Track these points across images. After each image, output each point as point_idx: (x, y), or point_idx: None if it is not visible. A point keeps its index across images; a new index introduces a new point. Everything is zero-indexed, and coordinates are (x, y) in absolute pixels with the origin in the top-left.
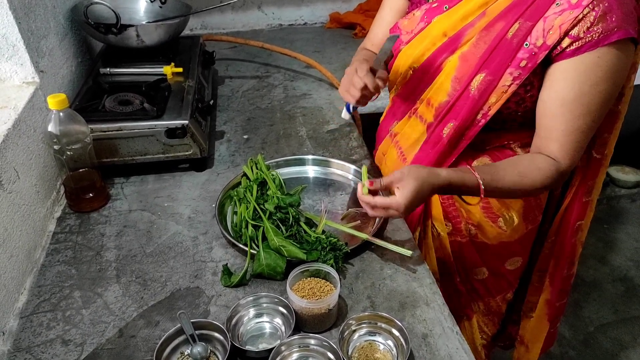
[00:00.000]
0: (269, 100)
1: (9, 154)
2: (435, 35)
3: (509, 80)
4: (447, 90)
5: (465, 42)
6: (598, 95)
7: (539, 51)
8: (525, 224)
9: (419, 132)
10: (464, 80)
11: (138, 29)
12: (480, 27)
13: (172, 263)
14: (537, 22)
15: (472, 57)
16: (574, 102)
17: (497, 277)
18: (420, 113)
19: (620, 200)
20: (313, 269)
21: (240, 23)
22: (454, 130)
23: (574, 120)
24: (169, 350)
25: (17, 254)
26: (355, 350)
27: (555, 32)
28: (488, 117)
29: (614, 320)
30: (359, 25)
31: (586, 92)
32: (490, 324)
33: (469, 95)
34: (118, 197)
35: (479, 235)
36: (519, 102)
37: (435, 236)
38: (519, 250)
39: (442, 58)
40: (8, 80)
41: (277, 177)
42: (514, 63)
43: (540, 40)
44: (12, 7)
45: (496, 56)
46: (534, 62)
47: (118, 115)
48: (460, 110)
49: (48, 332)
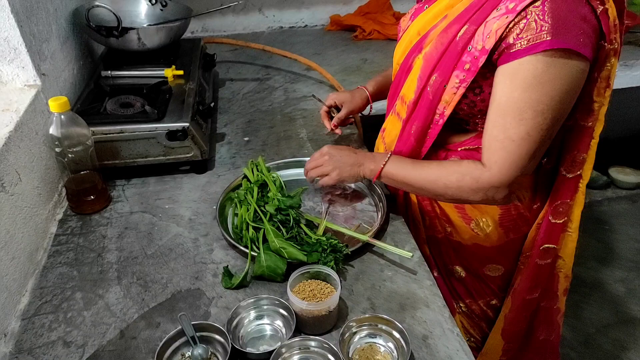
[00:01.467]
0: (270, 103)
1: (11, 156)
2: (412, 34)
3: (456, 82)
4: (414, 88)
5: (428, 42)
6: (530, 103)
7: (480, 55)
8: (505, 232)
9: (397, 129)
10: (423, 79)
11: (139, 32)
12: (440, 29)
13: (173, 265)
14: (479, 26)
15: (431, 58)
16: (506, 109)
17: (476, 280)
18: (397, 110)
19: (620, 202)
20: (313, 270)
21: (241, 26)
22: (418, 128)
23: (506, 127)
24: (170, 352)
25: (19, 256)
26: (355, 352)
27: (492, 37)
28: (445, 117)
29: (615, 322)
30: (359, 28)
31: (516, 98)
32: (477, 328)
33: (427, 94)
34: (119, 199)
35: (454, 234)
36: (470, 104)
37: (413, 227)
38: (499, 258)
39: (413, 57)
40: (10, 83)
41: (278, 179)
42: (459, 65)
43: (480, 44)
44: (13, 11)
45: (446, 58)
46: (476, 66)
47: (119, 117)
48: (421, 108)
49: (50, 333)
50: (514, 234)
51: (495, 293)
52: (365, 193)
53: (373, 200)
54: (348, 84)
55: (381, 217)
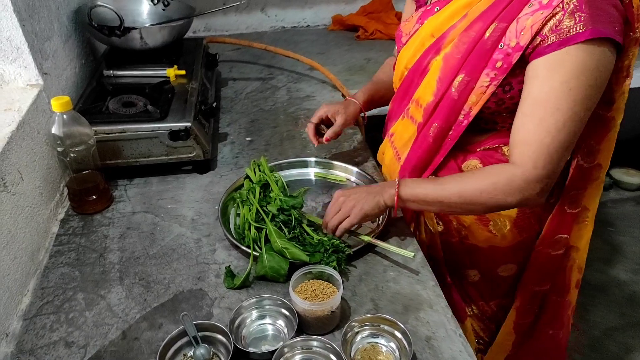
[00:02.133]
0: (273, 102)
1: (13, 156)
2: (424, 36)
3: (486, 81)
4: (433, 90)
5: (447, 43)
6: (568, 92)
7: (513, 52)
8: (519, 232)
9: (410, 132)
10: (446, 81)
11: (141, 31)
12: (461, 28)
13: (175, 265)
14: (510, 23)
15: (453, 58)
16: (542, 101)
17: (489, 282)
18: (411, 113)
19: (625, 203)
20: (316, 271)
21: (244, 25)
22: (438, 130)
23: (543, 119)
24: (172, 352)
25: (20, 256)
26: (358, 353)
27: (527, 33)
28: (470, 117)
29: (621, 324)
30: (361, 28)
31: (556, 88)
32: (487, 330)
33: (450, 95)
34: (121, 199)
35: (469, 237)
36: (499, 102)
37: (428, 233)
38: (512, 258)
39: (429, 58)
40: (12, 83)
41: (280, 179)
42: (490, 64)
43: (513, 41)
44: (16, 10)
45: (473, 57)
46: (509, 63)
47: (121, 117)
48: (442, 110)
49: (51, 334)
50: (526, 233)
51: (507, 293)
52: None
53: None
54: (352, 83)
55: (384, 218)
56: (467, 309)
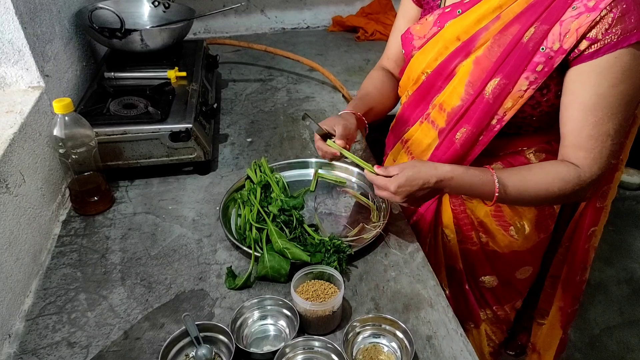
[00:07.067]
0: (273, 103)
1: (15, 157)
2: (448, 40)
3: (525, 84)
4: (461, 94)
5: (479, 46)
6: (619, 96)
7: (556, 55)
8: (538, 233)
9: (431, 138)
10: (477, 85)
11: (142, 33)
12: (494, 30)
13: (176, 265)
14: (553, 26)
15: (487, 61)
16: (595, 106)
17: (506, 286)
18: (432, 118)
19: (625, 202)
20: (317, 271)
21: (244, 27)
22: (467, 135)
23: (598, 124)
24: (174, 352)
25: (22, 257)
26: (359, 352)
27: (572, 36)
28: (504, 122)
29: (620, 323)
30: (361, 29)
31: (606, 94)
32: (499, 332)
33: (483, 99)
34: (123, 200)
35: (490, 244)
36: (535, 106)
37: (446, 243)
38: (530, 260)
39: (456, 62)
40: (14, 85)
41: (281, 180)
42: (530, 67)
43: (557, 44)
44: (17, 12)
45: (511, 60)
46: (551, 66)
47: (123, 118)
48: (473, 115)
49: (54, 334)
50: (544, 233)
51: (522, 294)
52: (367, 192)
53: (375, 200)
54: (351, 84)
55: (384, 216)
56: (482, 313)
